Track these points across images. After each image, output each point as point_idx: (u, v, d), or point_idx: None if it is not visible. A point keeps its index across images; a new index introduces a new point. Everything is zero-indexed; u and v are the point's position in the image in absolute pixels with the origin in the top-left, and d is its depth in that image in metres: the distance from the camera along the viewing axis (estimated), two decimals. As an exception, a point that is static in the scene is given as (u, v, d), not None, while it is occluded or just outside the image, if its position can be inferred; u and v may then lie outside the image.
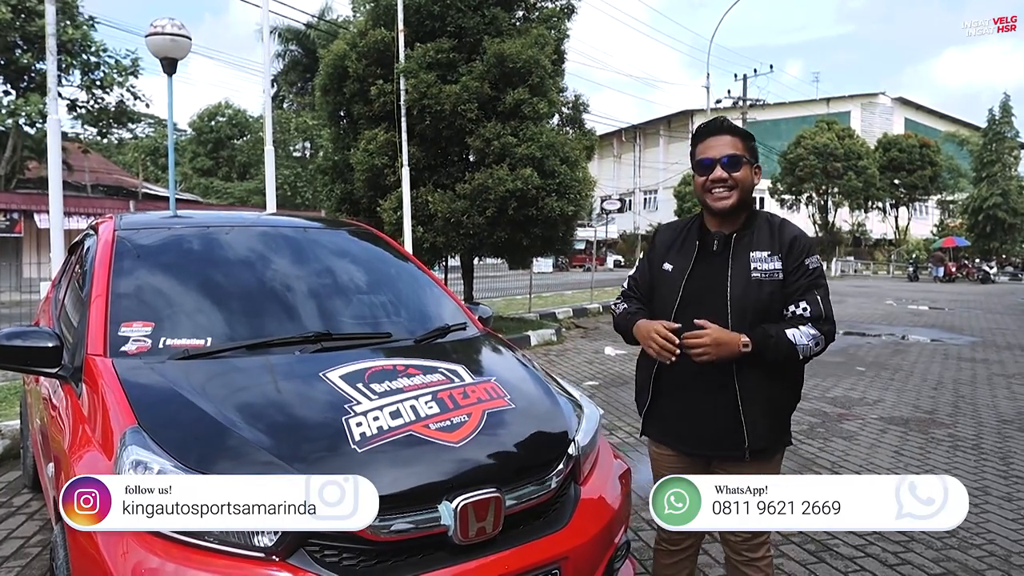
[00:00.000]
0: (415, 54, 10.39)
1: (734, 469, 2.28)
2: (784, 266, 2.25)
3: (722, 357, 2.17)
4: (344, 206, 11.82)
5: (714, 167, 2.28)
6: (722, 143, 2.30)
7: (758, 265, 2.26)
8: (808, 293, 2.25)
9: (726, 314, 2.23)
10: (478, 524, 2.03)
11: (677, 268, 2.37)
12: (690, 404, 2.34)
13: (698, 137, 2.37)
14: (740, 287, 2.25)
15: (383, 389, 2.31)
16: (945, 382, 8.41)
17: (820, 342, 2.22)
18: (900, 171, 44.57)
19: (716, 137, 2.32)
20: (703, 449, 2.37)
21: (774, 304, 2.26)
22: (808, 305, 2.23)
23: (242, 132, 44.34)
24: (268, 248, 3.28)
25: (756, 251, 2.28)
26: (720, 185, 2.28)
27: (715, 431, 2.30)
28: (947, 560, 3.61)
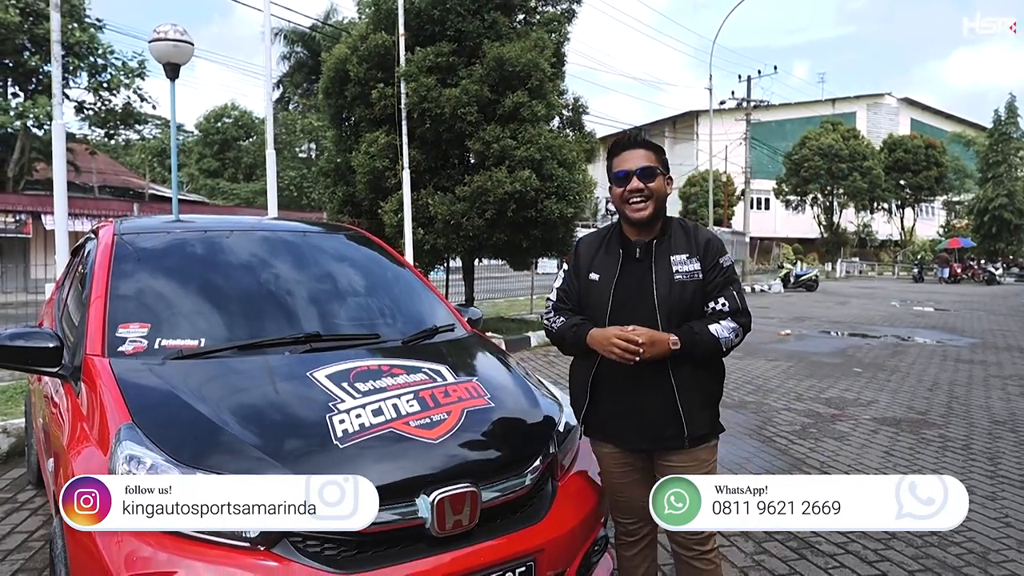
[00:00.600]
0: (415, 58, 10.49)
1: (675, 459, 2.45)
2: (702, 266, 2.42)
3: (655, 356, 2.30)
4: (346, 208, 11.95)
5: (630, 178, 2.41)
6: (637, 156, 2.44)
7: (679, 268, 2.42)
8: (724, 289, 2.43)
9: (655, 315, 2.38)
10: (454, 517, 2.12)
11: (604, 276, 2.48)
12: (630, 403, 2.46)
13: (614, 151, 2.50)
14: (665, 289, 2.40)
15: (367, 388, 2.41)
16: (941, 383, 8.47)
17: (739, 333, 2.42)
18: (906, 172, 44.55)
19: (631, 151, 2.45)
20: (645, 444, 2.50)
21: (696, 302, 2.42)
22: (726, 300, 2.42)
23: (248, 133, 44.63)
24: (262, 252, 3.39)
25: (675, 255, 2.45)
26: (637, 195, 2.41)
27: (656, 425, 2.44)
28: (926, 557, 3.68)
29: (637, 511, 2.59)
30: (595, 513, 2.60)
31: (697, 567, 2.53)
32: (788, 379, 8.62)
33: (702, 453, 2.49)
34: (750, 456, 5.40)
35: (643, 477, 2.56)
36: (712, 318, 2.41)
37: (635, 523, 2.64)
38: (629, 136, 2.53)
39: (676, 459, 2.46)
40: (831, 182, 41.04)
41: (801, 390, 7.97)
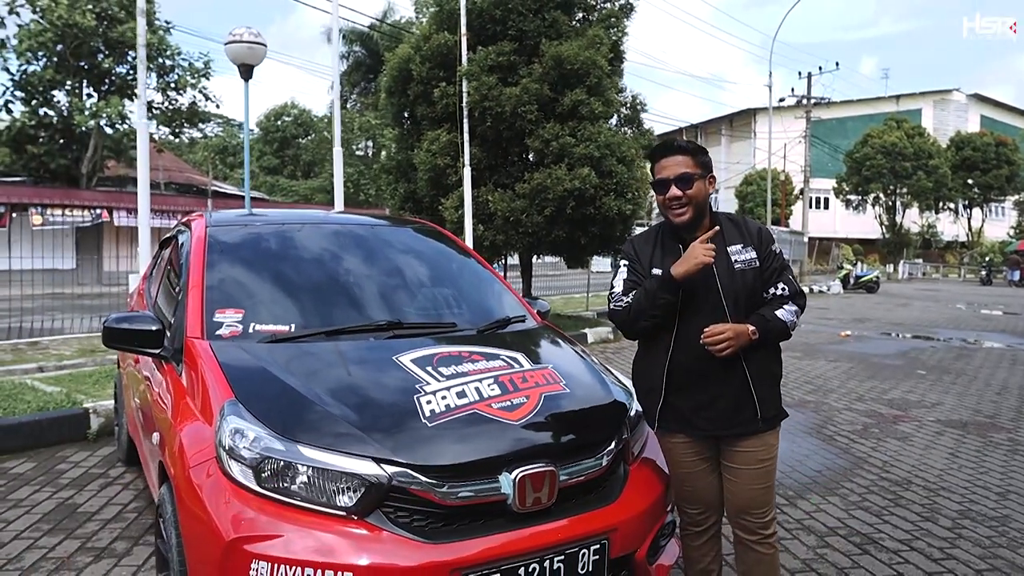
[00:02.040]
0: (477, 57, 10.66)
1: (746, 443, 2.58)
2: (758, 254, 2.56)
3: (740, 347, 2.45)
4: (407, 204, 12.20)
5: (669, 186, 2.50)
6: (674, 163, 2.51)
7: (737, 257, 2.56)
8: (782, 275, 2.59)
9: (722, 304, 2.51)
10: (534, 494, 2.24)
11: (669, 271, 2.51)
12: (706, 391, 2.55)
13: (653, 158, 2.59)
14: (728, 278, 2.52)
15: (450, 372, 2.55)
16: (1010, 387, 8.28)
17: (799, 314, 2.60)
18: (974, 170, 43.11)
19: (668, 158, 2.53)
20: (720, 429, 2.59)
21: (757, 288, 2.56)
22: (785, 285, 2.58)
23: (307, 131, 45.56)
24: (341, 244, 3.58)
25: (731, 245, 2.57)
26: (676, 202, 2.50)
27: (732, 410, 2.55)
28: (994, 558, 3.67)
29: (705, 500, 2.71)
30: (664, 498, 2.69)
31: (759, 551, 2.63)
32: (849, 380, 8.53)
33: (770, 437, 2.61)
34: (809, 453, 5.40)
35: (711, 466, 2.68)
36: (775, 303, 2.56)
37: (702, 513, 2.73)
38: (666, 143, 2.61)
39: (746, 444, 2.58)
40: (894, 181, 39.96)
41: (862, 391, 7.88)
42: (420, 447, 2.22)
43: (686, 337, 2.52)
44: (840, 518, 4.16)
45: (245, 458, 2.19)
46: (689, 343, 2.51)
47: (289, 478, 2.17)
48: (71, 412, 5.41)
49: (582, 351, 3.22)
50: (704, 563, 2.79)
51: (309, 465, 2.16)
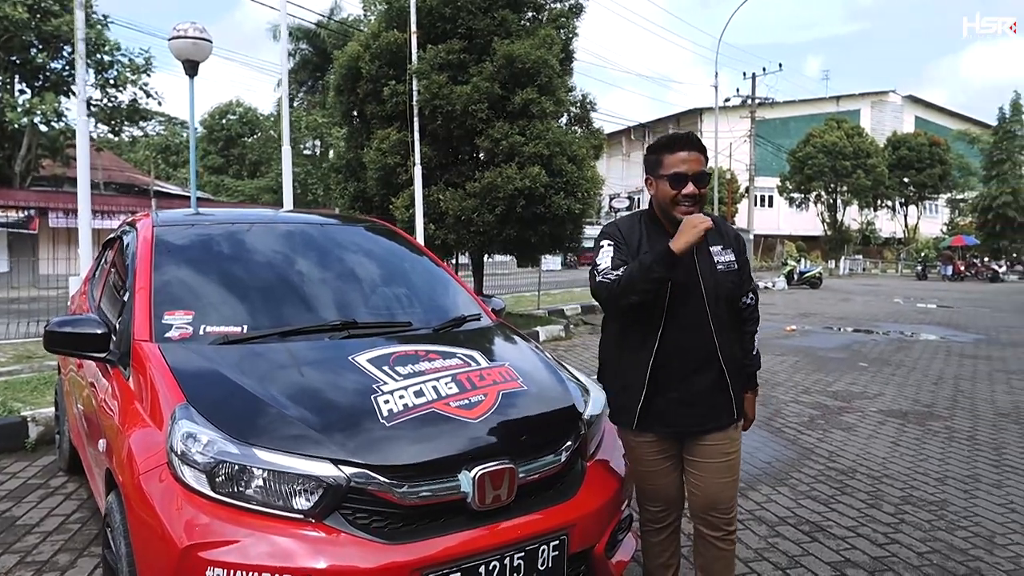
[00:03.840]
0: (427, 55, 10.62)
1: (712, 438, 2.63)
2: (736, 258, 2.61)
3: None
4: (357, 204, 12.09)
5: (686, 182, 2.45)
6: (694, 159, 2.46)
7: (719, 258, 2.59)
8: (750, 283, 2.70)
9: (704, 305, 2.53)
10: (494, 492, 2.25)
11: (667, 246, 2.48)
12: (691, 390, 2.58)
13: (670, 147, 2.49)
14: (711, 279, 2.55)
15: (407, 372, 2.53)
16: (946, 378, 8.58)
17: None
18: (910, 169, 44.57)
19: (690, 152, 2.47)
20: (698, 426, 2.63)
21: (734, 291, 2.62)
22: (753, 294, 2.71)
23: (252, 130, 44.75)
24: (293, 243, 3.52)
25: (713, 246, 2.58)
26: (689, 200, 2.46)
27: (711, 408, 2.61)
28: (934, 540, 3.81)
29: (666, 498, 2.74)
30: (620, 493, 2.71)
31: (720, 547, 2.69)
32: (795, 373, 8.74)
33: (734, 431, 2.68)
34: (760, 445, 5.52)
35: (674, 464, 2.72)
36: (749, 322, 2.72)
37: (663, 510, 2.76)
38: (685, 135, 2.53)
39: (712, 438, 2.63)
40: (835, 179, 41.06)
41: (808, 384, 8.08)
42: (378, 447, 2.20)
43: (671, 335, 2.52)
44: (790, 507, 4.26)
45: (198, 463, 2.14)
46: (674, 341, 2.53)
47: (244, 482, 2.12)
48: (7, 421, 5.21)
49: (538, 348, 3.24)
50: (663, 558, 2.83)
51: (265, 468, 2.12)
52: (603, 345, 2.84)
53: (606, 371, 2.77)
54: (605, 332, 2.82)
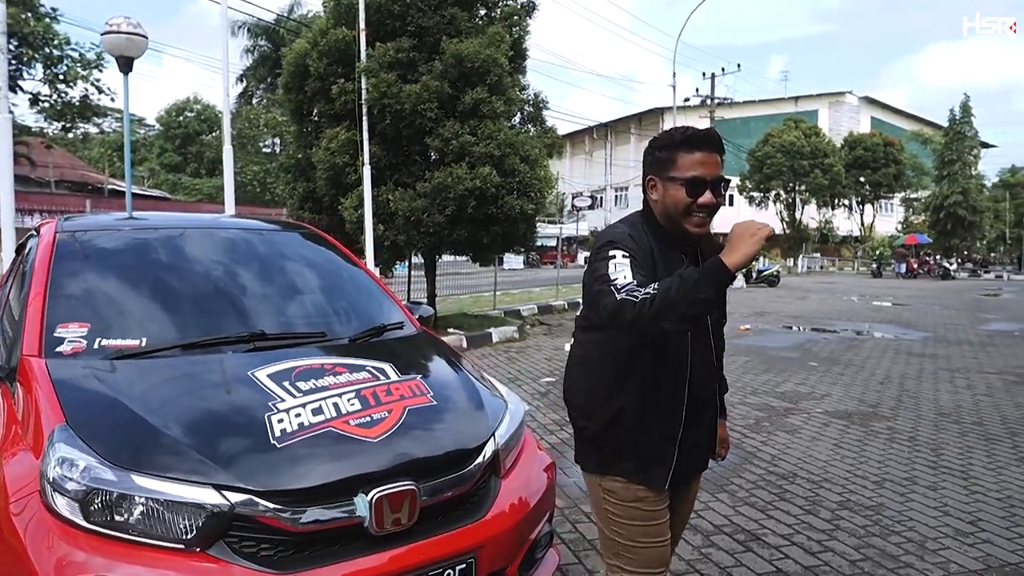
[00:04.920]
0: (376, 53, 10.44)
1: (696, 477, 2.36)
2: None
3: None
4: (307, 204, 11.86)
5: (705, 189, 2.01)
6: (713, 161, 2.03)
7: None
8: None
9: (708, 331, 2.21)
10: (393, 515, 2.13)
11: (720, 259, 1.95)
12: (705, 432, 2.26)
13: (688, 145, 2.03)
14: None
15: (308, 387, 2.40)
16: (892, 377, 8.66)
17: None
18: (865, 169, 45.35)
19: (708, 153, 2.02)
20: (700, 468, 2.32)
21: (723, 313, 2.35)
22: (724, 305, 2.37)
23: (211, 128, 43.98)
24: (209, 250, 3.37)
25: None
26: (704, 211, 2.04)
27: (709, 446, 2.34)
28: (867, 547, 3.78)
29: (665, 556, 2.22)
30: (539, 509, 2.62)
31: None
32: (745, 373, 8.75)
33: None
34: (703, 450, 5.47)
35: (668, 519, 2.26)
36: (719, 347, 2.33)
37: (661, 571, 2.21)
38: (706, 133, 2.04)
39: (696, 478, 2.36)
40: (793, 179, 41.61)
41: (757, 384, 8.09)
42: (267, 471, 2.07)
43: (696, 370, 2.13)
44: (727, 515, 4.21)
45: (71, 491, 1.99)
46: (699, 377, 2.14)
47: (122, 511, 1.98)
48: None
49: (457, 359, 3.13)
50: None
51: (144, 496, 1.99)
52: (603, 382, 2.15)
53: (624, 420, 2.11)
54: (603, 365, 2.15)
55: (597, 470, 2.19)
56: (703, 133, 2.05)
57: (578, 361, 2.25)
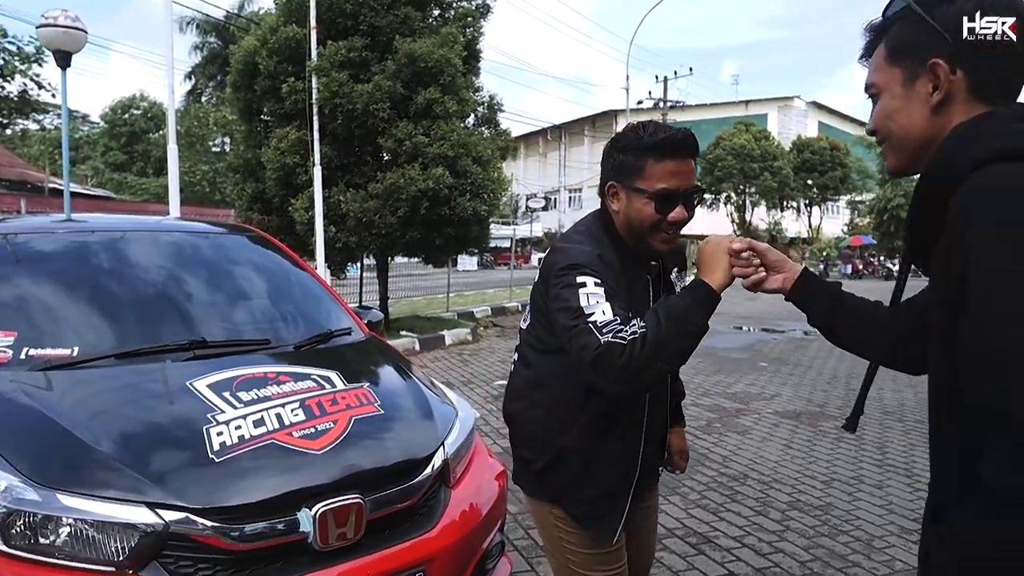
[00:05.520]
0: (327, 52, 10.28)
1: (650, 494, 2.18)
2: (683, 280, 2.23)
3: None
4: (256, 205, 11.61)
5: (676, 203, 1.77)
6: (687, 170, 1.77)
7: (678, 285, 2.20)
8: None
9: None
10: (338, 530, 2.06)
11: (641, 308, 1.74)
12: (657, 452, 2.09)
13: (658, 151, 1.75)
14: None
15: (250, 397, 2.31)
16: (839, 376, 8.84)
17: None
18: (813, 172, 46.37)
19: (685, 161, 1.77)
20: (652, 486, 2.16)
21: None
22: None
23: (158, 126, 42.86)
24: (149, 254, 3.24)
25: (671, 273, 2.18)
26: (674, 228, 1.80)
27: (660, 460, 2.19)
28: (816, 547, 3.82)
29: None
30: (490, 519, 2.57)
31: None
32: (697, 375, 8.83)
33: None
34: (656, 452, 5.49)
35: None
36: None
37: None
38: (681, 137, 1.75)
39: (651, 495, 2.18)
40: (743, 181, 42.38)
41: (708, 385, 8.17)
42: (204, 487, 1.98)
43: (655, 395, 1.93)
44: (679, 518, 4.22)
45: None
46: (657, 402, 1.95)
47: (47, 533, 1.87)
48: None
49: (407, 366, 3.06)
50: None
51: (71, 516, 1.88)
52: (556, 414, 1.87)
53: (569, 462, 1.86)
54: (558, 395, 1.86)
55: (546, 498, 1.95)
56: (677, 137, 1.75)
57: (527, 383, 1.93)
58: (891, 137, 1.25)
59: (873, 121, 1.29)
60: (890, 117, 1.24)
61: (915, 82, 1.19)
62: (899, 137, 1.23)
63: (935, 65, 1.15)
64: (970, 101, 1.15)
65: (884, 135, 1.26)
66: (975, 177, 1.05)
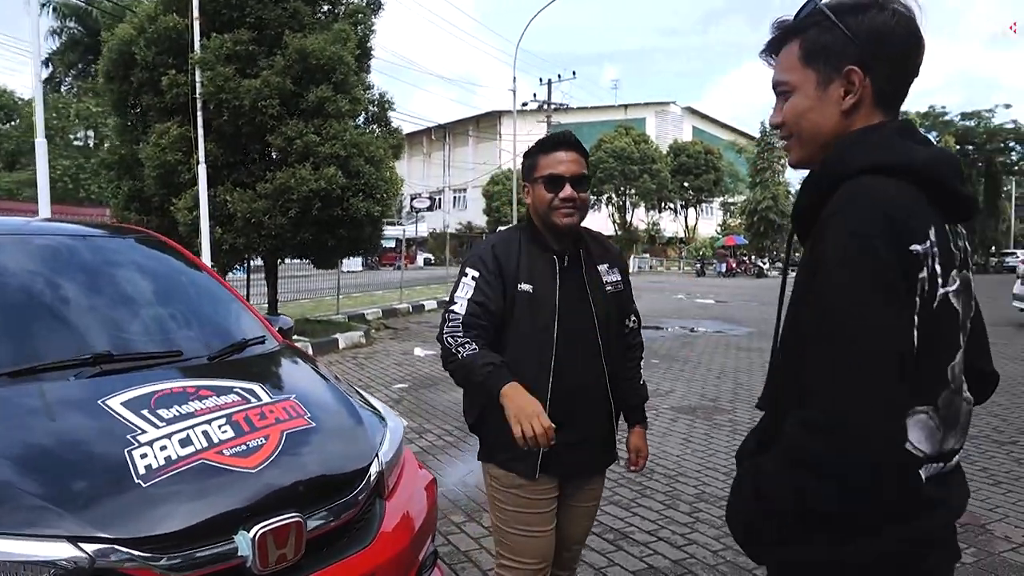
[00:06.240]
0: (211, 44, 9.81)
1: (595, 480, 2.46)
2: (622, 278, 2.42)
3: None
4: (133, 204, 10.92)
5: (563, 185, 2.20)
6: (571, 160, 2.23)
7: (607, 278, 2.36)
8: (632, 304, 2.50)
9: (595, 329, 2.27)
10: (278, 551, 1.95)
11: (542, 287, 2.22)
12: (587, 430, 2.30)
13: (545, 148, 2.27)
14: (601, 303, 2.30)
15: (172, 415, 2.15)
16: (727, 371, 9.25)
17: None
18: (689, 175, 48.47)
19: (566, 152, 2.24)
20: (590, 468, 2.41)
21: (622, 315, 2.43)
22: (635, 316, 2.51)
23: (9, 116, 39.58)
24: (38, 260, 2.94)
25: (600, 264, 2.36)
26: (568, 204, 2.21)
27: (604, 448, 2.41)
28: (726, 536, 3.96)
29: (547, 551, 2.33)
30: (425, 529, 2.52)
31: None
32: (594, 373, 9.00)
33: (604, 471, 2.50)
34: (564, 451, 5.56)
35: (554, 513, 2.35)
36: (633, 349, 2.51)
37: (542, 565, 2.32)
38: (562, 135, 2.28)
39: (595, 481, 2.44)
40: (624, 183, 43.76)
41: (606, 383, 8.34)
42: (133, 515, 1.83)
43: (564, 366, 2.20)
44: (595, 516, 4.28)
45: None
46: (569, 375, 2.21)
47: None
48: None
49: (327, 373, 2.95)
50: None
51: None
52: None
53: (490, 417, 2.17)
54: None
55: (482, 456, 2.36)
56: (560, 135, 2.30)
57: None
58: (801, 134, 1.35)
59: (782, 116, 1.37)
60: (802, 116, 1.33)
61: (828, 86, 1.29)
62: (809, 134, 1.33)
63: (851, 72, 1.26)
64: (872, 107, 1.29)
65: (793, 131, 1.36)
66: (847, 185, 1.20)
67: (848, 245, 1.12)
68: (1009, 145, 48.28)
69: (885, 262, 1.11)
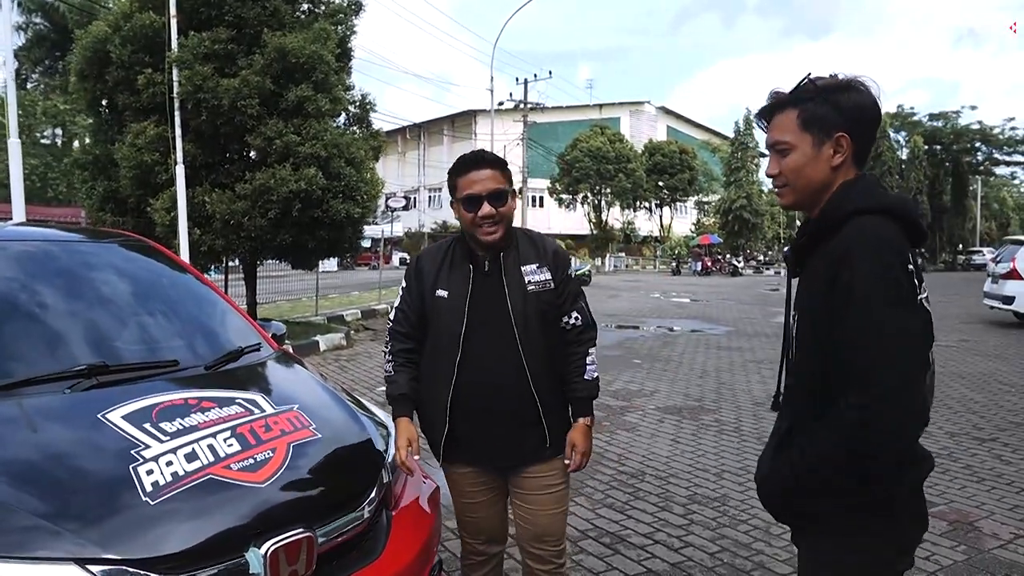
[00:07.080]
0: (189, 43, 9.65)
1: (536, 469, 2.49)
2: (553, 276, 2.45)
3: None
4: (108, 205, 10.69)
5: (481, 204, 2.31)
6: (485, 177, 2.33)
7: (531, 278, 2.41)
8: (576, 302, 2.50)
9: (512, 329, 2.36)
10: (290, 568, 1.91)
11: (455, 293, 2.39)
12: (494, 421, 2.41)
13: (459, 170, 2.38)
14: (520, 302, 2.37)
15: (175, 428, 2.10)
16: (709, 370, 9.30)
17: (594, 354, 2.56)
18: (663, 174, 48.76)
19: (479, 171, 2.34)
20: (505, 461, 2.50)
21: (550, 312, 2.44)
22: (579, 315, 2.50)
23: (-27, 115, 38.81)
24: (22, 267, 2.84)
25: (525, 265, 2.43)
26: (488, 221, 2.32)
27: (521, 439, 2.45)
28: (722, 538, 3.98)
29: (488, 530, 2.60)
30: (431, 540, 2.48)
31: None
32: (578, 373, 8.99)
33: (558, 461, 2.51)
34: (554, 454, 5.54)
35: (497, 496, 2.58)
36: (576, 345, 2.50)
37: (485, 543, 2.62)
38: (473, 156, 2.40)
39: (534, 471, 2.48)
40: (599, 182, 43.89)
41: (591, 384, 8.34)
42: (141, 534, 1.77)
43: (473, 362, 2.36)
44: (589, 519, 4.27)
45: None
46: (477, 371, 2.36)
47: None
48: None
49: (326, 381, 2.90)
50: None
51: None
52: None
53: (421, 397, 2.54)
54: None
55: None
56: (471, 156, 2.41)
57: None
58: (797, 184, 1.69)
59: (780, 168, 1.70)
60: (800, 170, 1.67)
61: (821, 147, 1.64)
62: (804, 185, 1.68)
63: (841, 138, 1.62)
64: (851, 164, 1.66)
65: (790, 182, 1.69)
66: (850, 225, 1.56)
67: (885, 274, 1.48)
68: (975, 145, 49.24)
69: (907, 283, 1.50)
